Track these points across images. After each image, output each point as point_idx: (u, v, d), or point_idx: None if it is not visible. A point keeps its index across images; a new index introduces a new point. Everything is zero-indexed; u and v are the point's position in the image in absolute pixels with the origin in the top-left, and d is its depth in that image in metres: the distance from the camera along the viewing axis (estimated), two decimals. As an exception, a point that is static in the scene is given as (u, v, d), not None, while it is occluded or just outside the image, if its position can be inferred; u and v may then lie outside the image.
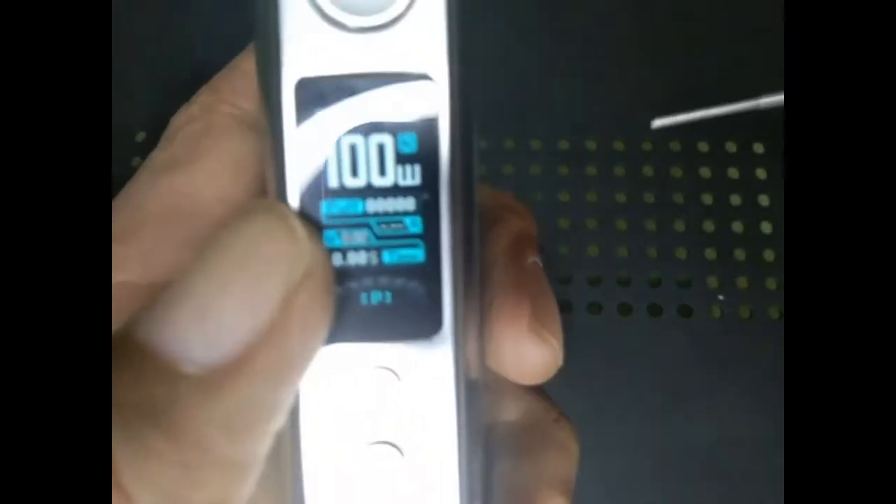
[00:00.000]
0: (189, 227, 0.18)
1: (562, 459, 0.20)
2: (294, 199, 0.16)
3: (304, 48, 0.15)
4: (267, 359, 0.14)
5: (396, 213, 0.16)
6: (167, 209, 0.18)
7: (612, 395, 0.37)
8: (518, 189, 0.41)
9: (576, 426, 0.21)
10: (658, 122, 0.29)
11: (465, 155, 0.16)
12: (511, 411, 0.21)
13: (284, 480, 0.17)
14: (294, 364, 0.15)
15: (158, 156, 0.19)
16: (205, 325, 0.14)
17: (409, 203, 0.16)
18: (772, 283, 0.39)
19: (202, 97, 0.20)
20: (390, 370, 0.16)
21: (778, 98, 0.33)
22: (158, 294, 0.14)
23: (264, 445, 0.15)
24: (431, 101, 0.15)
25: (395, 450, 0.17)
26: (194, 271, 0.14)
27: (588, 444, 0.36)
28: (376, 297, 0.16)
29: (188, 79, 0.20)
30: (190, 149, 0.19)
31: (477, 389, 0.18)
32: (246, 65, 0.19)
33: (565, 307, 0.39)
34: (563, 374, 0.19)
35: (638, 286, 0.39)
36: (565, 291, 0.39)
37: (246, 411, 0.14)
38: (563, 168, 0.41)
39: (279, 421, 0.15)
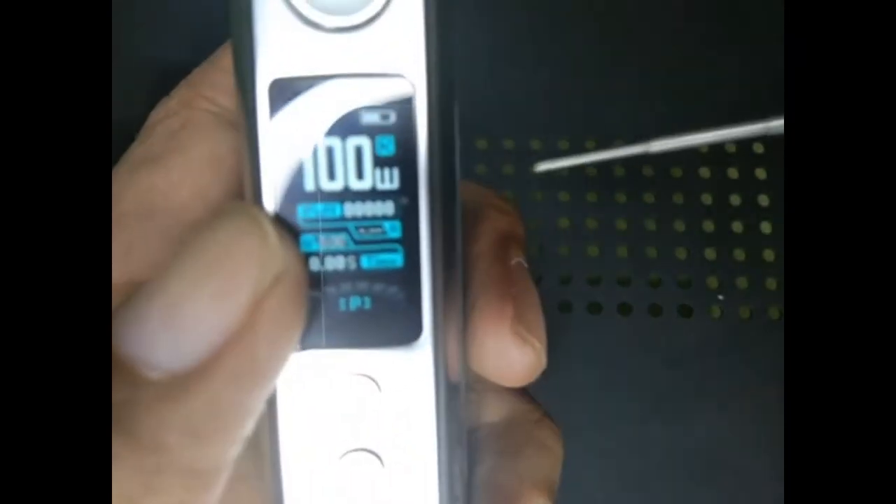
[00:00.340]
0: (167, 225, 0.18)
1: (544, 459, 0.20)
2: (270, 202, 0.15)
3: (279, 48, 0.15)
4: (233, 363, 0.14)
5: (375, 218, 0.15)
6: (144, 206, 0.18)
7: (612, 395, 0.37)
8: (518, 189, 0.41)
9: (574, 426, 0.21)
10: (543, 167, 0.28)
11: (445, 157, 0.16)
12: (494, 412, 0.21)
13: (265, 485, 0.17)
14: (261, 369, 0.14)
15: (136, 150, 0.19)
16: (171, 328, 0.13)
17: (387, 207, 0.15)
18: (772, 283, 0.39)
19: (181, 91, 0.19)
20: (369, 377, 0.16)
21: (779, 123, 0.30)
22: (131, 296, 0.14)
23: (231, 452, 0.14)
24: (409, 102, 0.15)
25: (374, 457, 0.17)
26: (165, 272, 0.14)
27: (587, 444, 0.36)
28: (355, 302, 0.16)
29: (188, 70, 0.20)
30: (167, 144, 0.18)
31: (458, 392, 0.17)
32: (225, 60, 0.19)
33: (565, 307, 0.39)
34: (562, 374, 0.19)
35: (638, 286, 0.39)
36: (565, 291, 0.39)
37: (210, 416, 0.14)
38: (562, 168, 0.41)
39: (246, 427, 0.14)
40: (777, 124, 0.13)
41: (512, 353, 0.18)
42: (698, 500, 0.36)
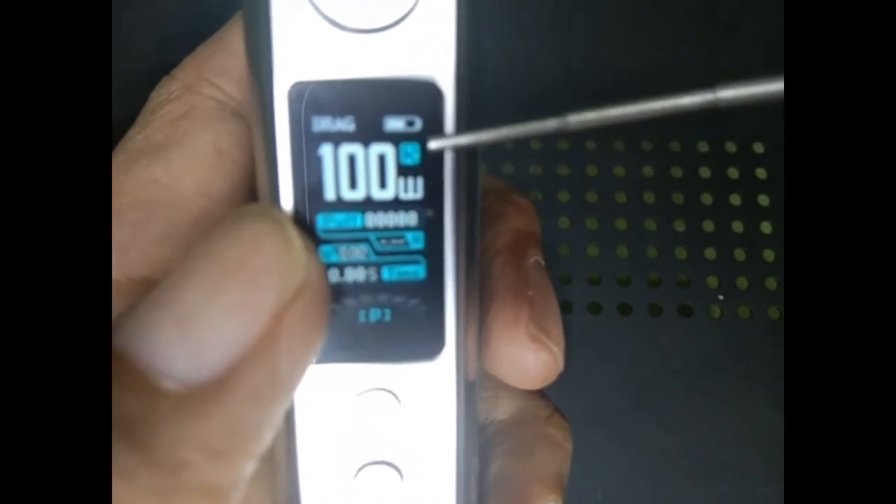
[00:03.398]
0: (167, 220, 0.17)
1: (555, 456, 0.19)
2: (288, 211, 0.14)
3: (299, 49, 0.14)
4: (253, 378, 0.13)
5: (397, 228, 0.15)
6: (144, 199, 0.17)
7: (612, 394, 0.37)
8: (518, 189, 0.40)
9: (575, 426, 0.21)
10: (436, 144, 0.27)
11: (470, 166, 0.15)
12: (504, 409, 0.20)
13: (279, 498, 0.16)
14: (282, 384, 0.14)
15: (135, 137, 0.18)
16: (188, 338, 0.13)
17: (410, 217, 0.15)
18: (772, 283, 0.39)
19: (185, 72, 0.18)
20: (390, 392, 0.16)
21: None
22: (140, 299, 0.13)
23: (247, 469, 0.14)
24: (437, 108, 0.14)
25: (394, 470, 0.16)
26: (180, 277, 0.13)
27: (587, 443, 0.36)
28: (375, 315, 0.15)
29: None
30: (169, 133, 0.17)
31: (476, 395, 0.17)
32: (234, 41, 0.18)
33: (565, 307, 0.39)
34: (562, 374, 0.19)
35: (638, 286, 0.39)
36: (565, 291, 0.39)
37: (228, 433, 0.13)
38: (562, 168, 0.41)
39: (264, 443, 0.14)
40: (729, 94, 0.12)
41: (528, 357, 0.18)
42: (698, 500, 0.36)
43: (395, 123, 0.14)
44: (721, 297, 0.39)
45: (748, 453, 0.36)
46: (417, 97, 0.14)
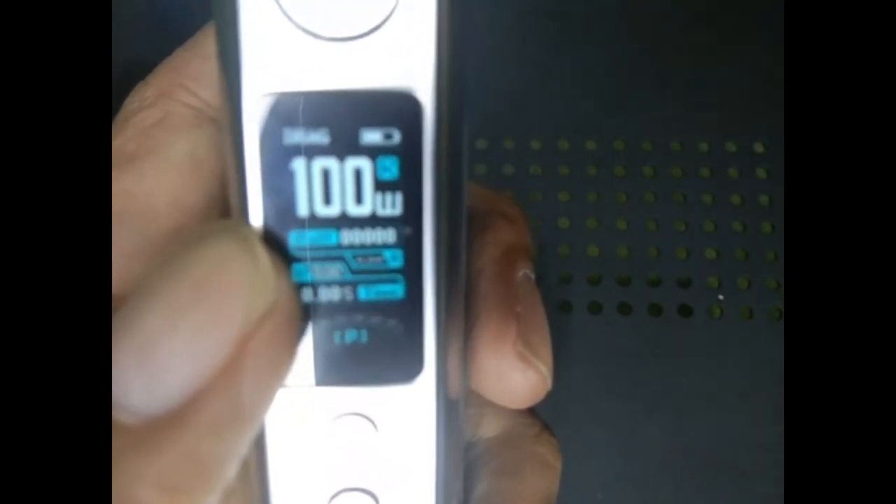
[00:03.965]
0: (139, 234, 0.16)
1: (544, 476, 0.19)
2: (258, 228, 0.14)
3: (269, 58, 0.13)
4: (215, 408, 0.12)
5: (374, 246, 0.14)
6: (114, 212, 0.16)
7: (612, 395, 0.37)
8: (518, 189, 0.40)
9: (575, 426, 0.21)
10: None
11: (453, 182, 0.14)
12: (491, 427, 0.19)
13: None
14: (246, 414, 0.13)
15: None
16: (146, 366, 0.12)
17: (388, 235, 0.14)
18: (772, 283, 0.39)
19: (159, 78, 0.17)
20: (366, 417, 0.15)
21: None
22: None
23: (210, 502, 0.13)
24: (416, 120, 0.13)
25: (370, 498, 0.16)
26: (140, 300, 0.12)
27: (588, 443, 0.36)
28: (351, 336, 0.14)
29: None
30: (141, 142, 0.16)
31: (458, 415, 0.16)
32: (209, 46, 0.17)
33: (565, 307, 0.39)
34: (562, 375, 0.18)
35: (638, 286, 0.39)
36: (565, 291, 0.39)
37: (186, 469, 0.12)
38: (563, 168, 0.41)
39: (226, 477, 0.13)
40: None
41: (514, 377, 0.17)
42: (698, 500, 0.36)
43: (371, 136, 0.13)
44: (721, 296, 0.39)
45: (748, 453, 0.36)
46: (395, 109, 0.13)
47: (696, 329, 0.38)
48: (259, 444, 0.15)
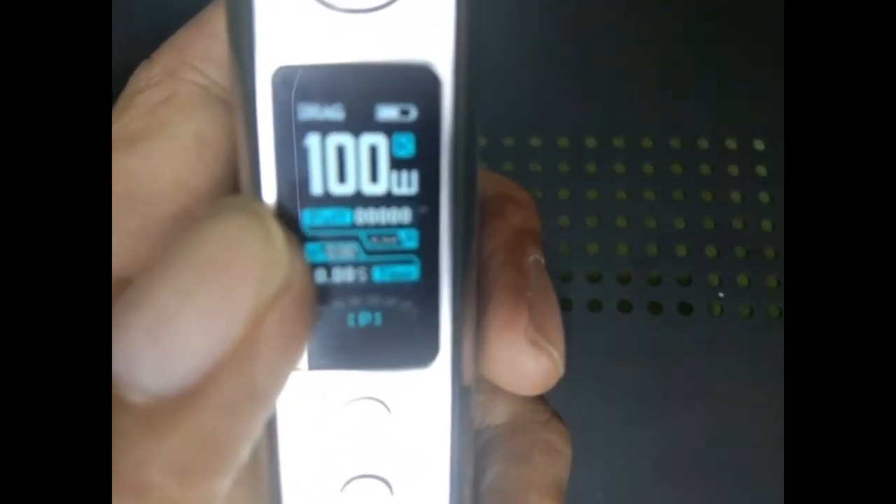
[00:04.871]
0: (144, 215, 0.16)
1: (552, 463, 0.18)
2: (271, 206, 0.13)
3: (284, 30, 0.13)
4: (227, 388, 0.12)
5: (389, 226, 0.14)
6: (119, 193, 0.16)
7: (612, 393, 0.37)
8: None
9: (575, 425, 0.21)
10: None
11: (469, 160, 0.14)
12: (501, 413, 0.19)
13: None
14: (260, 395, 0.13)
15: (112, 125, 0.16)
16: (159, 344, 0.12)
17: (404, 214, 0.14)
18: (772, 281, 0.39)
19: (165, 56, 0.17)
20: (380, 401, 0.15)
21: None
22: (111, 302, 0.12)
23: (221, 487, 0.12)
24: (434, 96, 0.13)
25: (383, 484, 0.15)
26: (153, 277, 0.12)
27: (588, 443, 0.36)
28: (365, 318, 0.14)
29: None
30: (148, 122, 0.16)
31: (471, 401, 0.16)
32: (216, 23, 0.16)
33: (565, 305, 0.39)
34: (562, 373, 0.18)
35: (638, 283, 0.39)
36: (565, 289, 0.39)
37: (199, 450, 0.12)
38: (563, 165, 0.41)
39: (240, 459, 0.13)
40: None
41: (526, 363, 0.16)
42: (698, 500, 0.36)
43: (387, 112, 0.13)
44: (721, 294, 0.39)
45: (748, 453, 0.36)
46: (412, 84, 0.13)
47: (697, 327, 0.38)
48: (270, 429, 0.15)
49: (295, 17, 0.13)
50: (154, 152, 0.16)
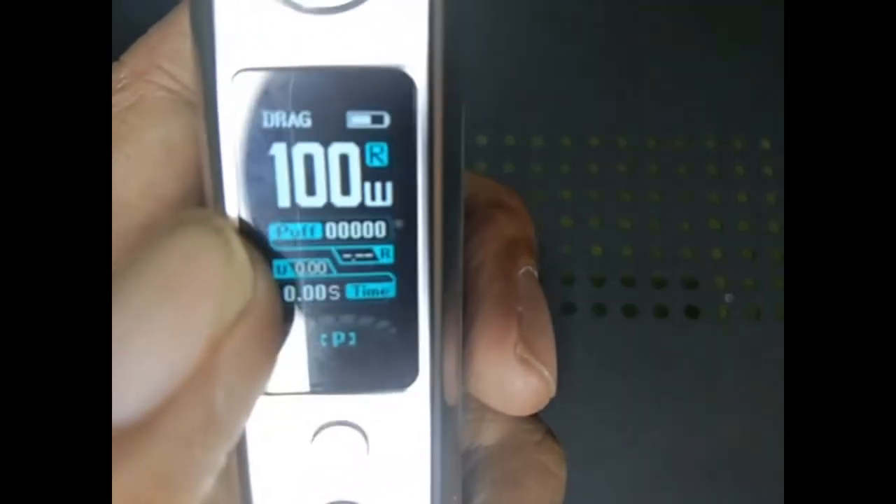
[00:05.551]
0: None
1: (545, 486, 0.18)
2: (234, 220, 0.13)
3: (246, 31, 0.12)
4: (185, 417, 0.11)
5: (363, 240, 0.13)
6: None
7: (617, 397, 0.37)
8: (518, 187, 0.40)
9: (578, 429, 0.20)
10: None
11: (449, 169, 0.13)
12: (491, 434, 0.18)
13: None
14: (220, 424, 0.12)
15: None
16: (116, 370, 0.11)
17: (378, 228, 0.13)
18: (779, 283, 0.38)
19: (134, 57, 0.16)
20: (355, 427, 0.14)
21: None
22: None
23: None
24: (408, 101, 0.12)
25: None
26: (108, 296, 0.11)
27: (591, 446, 0.36)
28: (338, 338, 0.13)
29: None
30: (114, 128, 0.15)
31: (455, 424, 0.15)
32: (187, 22, 0.16)
33: (568, 308, 0.38)
34: (566, 377, 0.18)
35: (643, 287, 0.39)
36: (569, 292, 0.39)
37: (155, 484, 0.11)
38: (565, 165, 0.41)
39: (201, 492, 0.12)
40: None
41: (515, 382, 0.16)
42: (701, 501, 0.35)
43: (359, 119, 0.12)
44: (728, 296, 0.38)
45: (752, 455, 0.36)
46: (385, 88, 0.12)
47: (703, 331, 0.38)
48: (240, 456, 0.14)
49: (257, 16, 0.12)
50: (119, 160, 0.15)
